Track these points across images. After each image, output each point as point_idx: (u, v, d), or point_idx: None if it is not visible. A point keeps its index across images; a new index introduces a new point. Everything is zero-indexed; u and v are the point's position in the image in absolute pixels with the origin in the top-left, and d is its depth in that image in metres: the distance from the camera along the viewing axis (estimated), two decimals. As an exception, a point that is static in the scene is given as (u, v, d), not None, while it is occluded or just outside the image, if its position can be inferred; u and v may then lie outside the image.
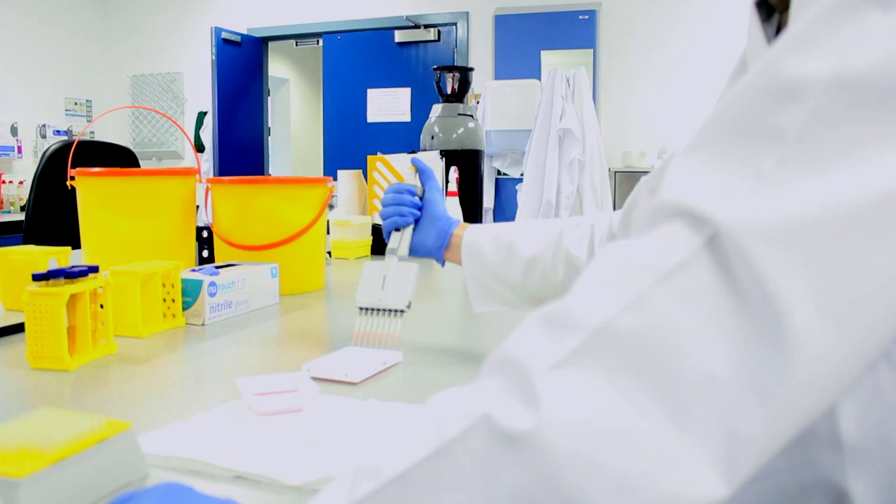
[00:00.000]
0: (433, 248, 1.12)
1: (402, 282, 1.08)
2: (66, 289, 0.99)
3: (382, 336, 1.06)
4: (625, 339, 0.40)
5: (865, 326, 0.39)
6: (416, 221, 1.13)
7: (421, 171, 1.17)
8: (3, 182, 5.50)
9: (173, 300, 1.25)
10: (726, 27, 5.06)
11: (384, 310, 1.08)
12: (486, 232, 1.09)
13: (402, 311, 1.07)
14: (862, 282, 0.39)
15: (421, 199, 1.14)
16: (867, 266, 0.39)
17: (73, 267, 1.03)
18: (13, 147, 5.89)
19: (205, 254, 1.78)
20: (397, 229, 1.13)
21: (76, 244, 1.54)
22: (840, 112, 0.40)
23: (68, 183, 1.54)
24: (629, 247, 0.44)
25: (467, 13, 5.80)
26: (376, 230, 2.13)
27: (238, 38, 6.21)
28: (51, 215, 2.42)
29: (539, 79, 5.18)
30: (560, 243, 1.03)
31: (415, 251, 1.13)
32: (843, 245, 0.39)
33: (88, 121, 6.61)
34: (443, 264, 1.15)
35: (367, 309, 1.08)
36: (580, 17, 5.39)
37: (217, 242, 1.59)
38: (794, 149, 0.41)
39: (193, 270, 1.33)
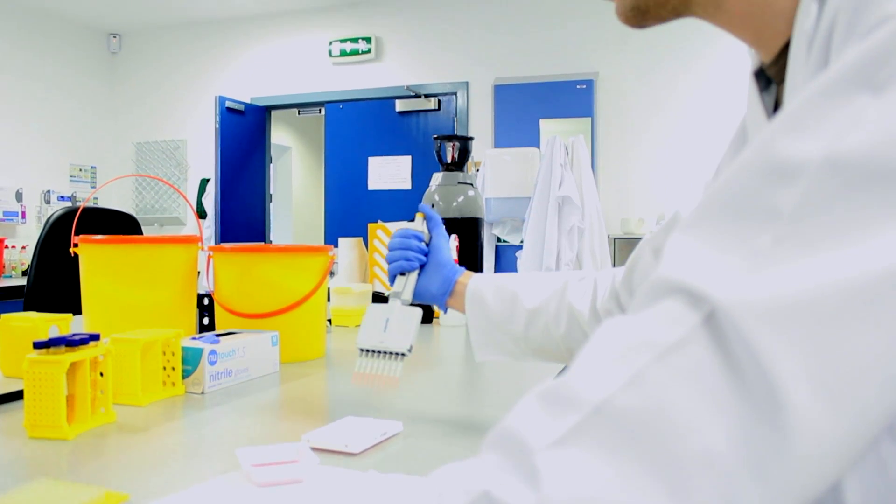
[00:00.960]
0: (437, 295, 1.12)
1: (405, 325, 1.08)
2: (66, 357, 0.99)
3: (382, 378, 1.06)
4: (624, 417, 0.40)
5: (864, 405, 0.39)
6: (422, 267, 1.14)
7: (428, 217, 1.17)
8: (6, 247, 5.52)
9: (173, 368, 1.25)
10: (721, 95, 5.14)
11: (385, 352, 1.07)
12: (490, 281, 1.10)
13: (403, 354, 1.07)
14: (859, 361, 0.39)
15: (427, 245, 1.15)
16: (863, 345, 0.39)
17: (73, 335, 1.03)
18: (17, 212, 5.93)
19: (205, 321, 1.79)
20: (402, 273, 1.14)
21: (77, 310, 1.54)
22: (833, 193, 0.41)
23: (72, 250, 1.55)
24: (629, 323, 0.45)
25: (467, 83, 5.90)
26: (377, 297, 2.13)
27: (241, 107, 6.30)
28: (53, 281, 2.43)
29: (538, 147, 5.24)
30: (563, 297, 1.04)
31: (419, 296, 1.13)
32: (839, 324, 0.39)
33: (93, 187, 6.67)
34: (445, 310, 1.16)
35: (368, 350, 1.08)
36: (578, 86, 5.48)
37: (218, 310, 1.59)
38: (788, 228, 0.42)
39: (194, 338, 1.33)
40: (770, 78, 0.68)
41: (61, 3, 6.11)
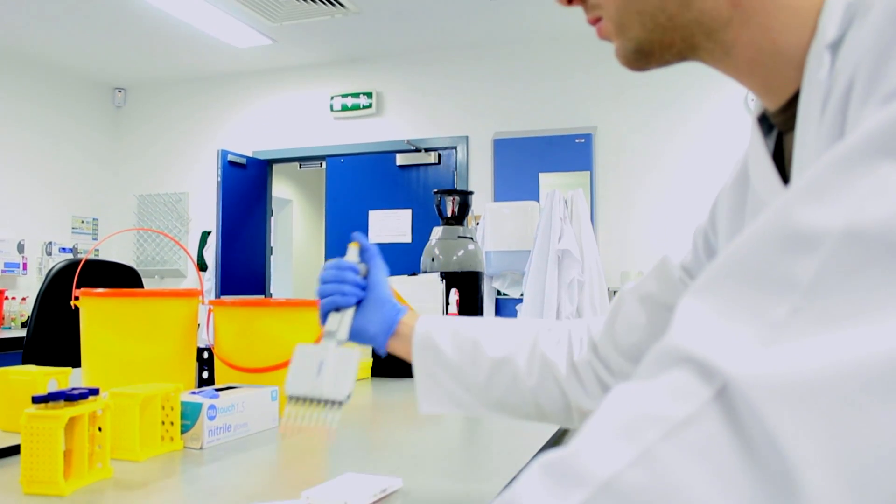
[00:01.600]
0: (376, 335, 1.01)
1: (342, 369, 0.96)
2: (64, 412, 0.99)
3: (316, 430, 0.94)
4: (632, 495, 0.39)
5: (882, 491, 0.37)
6: (359, 303, 1.03)
7: (364, 248, 1.07)
8: (6, 298, 5.52)
9: (172, 423, 1.24)
10: (718, 147, 5.19)
11: (320, 400, 0.95)
12: (444, 325, 1.00)
13: (340, 403, 0.95)
14: (879, 444, 0.37)
15: (365, 279, 1.04)
16: (884, 429, 0.37)
17: (72, 389, 1.03)
18: (18, 264, 5.94)
19: (205, 375, 1.78)
20: (337, 310, 1.02)
21: (76, 363, 1.54)
22: (853, 265, 0.39)
23: (72, 303, 1.56)
24: (637, 393, 0.43)
25: (467, 137, 5.96)
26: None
27: (243, 161, 6.36)
28: (52, 333, 2.42)
29: (537, 200, 5.27)
30: (535, 347, 0.96)
31: (355, 336, 1.02)
32: (858, 406, 0.37)
33: (94, 239, 6.69)
34: (384, 354, 1.04)
35: (299, 398, 0.95)
36: (577, 140, 5.54)
37: (217, 364, 1.59)
38: (806, 299, 0.40)
39: (193, 393, 1.32)
40: (771, 123, 0.68)
41: (69, 57, 6.20)
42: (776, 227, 0.43)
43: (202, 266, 6.36)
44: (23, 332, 4.33)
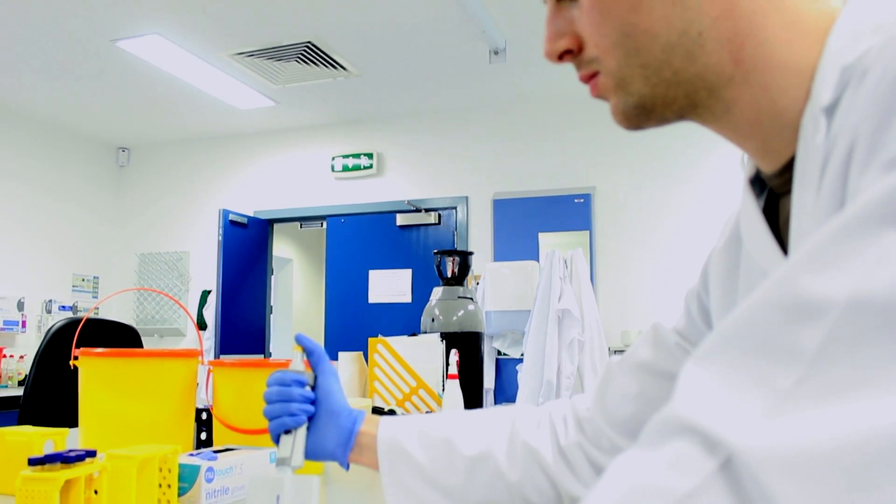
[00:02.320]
0: (335, 450, 0.93)
1: (301, 500, 0.88)
2: (61, 474, 0.98)
3: None
4: None
5: None
6: (311, 418, 0.95)
7: (309, 352, 0.99)
8: (4, 356, 5.50)
9: (169, 486, 1.23)
10: (716, 206, 5.21)
11: None
12: (409, 426, 0.92)
13: None
14: None
15: (313, 388, 0.96)
16: (890, 503, 0.37)
17: (69, 451, 1.03)
18: (18, 321, 5.93)
19: (203, 436, 1.77)
20: (287, 431, 0.93)
21: (74, 422, 1.53)
22: (859, 334, 0.39)
23: (71, 363, 1.55)
24: (639, 463, 0.43)
25: (467, 198, 6.00)
26: (376, 412, 2.11)
27: (245, 220, 6.39)
28: (50, 392, 2.41)
29: (537, 260, 5.28)
30: (514, 435, 0.89)
31: (312, 454, 0.94)
32: (865, 479, 0.37)
33: (94, 297, 6.69)
34: (347, 467, 0.95)
35: None
36: (576, 200, 5.58)
37: (216, 425, 1.58)
38: (812, 369, 0.40)
39: (191, 454, 1.31)
40: (763, 185, 0.68)
41: (73, 116, 6.28)
42: (780, 295, 0.43)
43: (202, 325, 6.35)
44: (20, 391, 4.30)
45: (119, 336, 2.72)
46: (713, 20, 0.60)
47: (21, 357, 5.65)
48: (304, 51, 4.89)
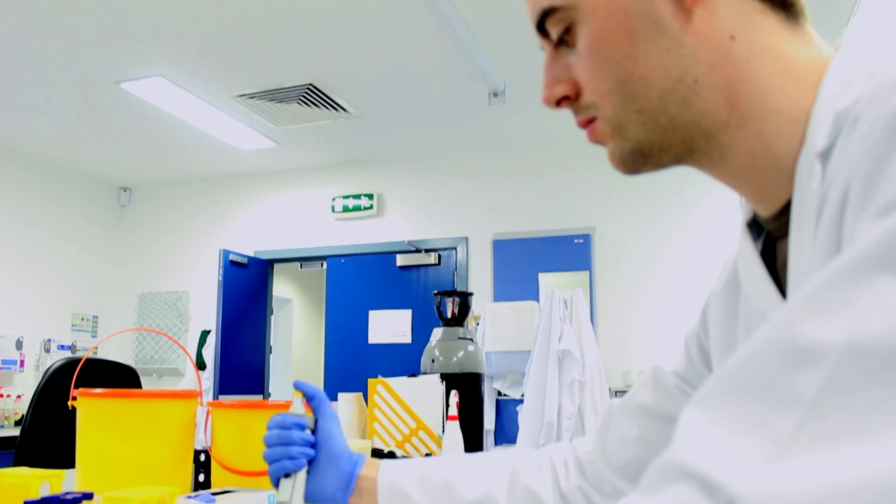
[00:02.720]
0: (334, 494, 0.93)
1: None
2: (59, 517, 0.98)
3: None
4: None
5: None
6: (311, 462, 0.95)
7: (310, 396, 0.99)
8: (1, 396, 5.47)
9: (166, 528, 1.21)
10: (716, 246, 5.22)
11: None
12: (409, 470, 0.92)
13: None
14: None
15: (313, 432, 0.97)
16: None
17: (66, 493, 1.02)
18: (16, 361, 5.91)
19: (201, 478, 1.75)
20: (287, 475, 0.93)
21: (70, 462, 1.52)
22: (857, 379, 0.39)
23: (70, 403, 1.55)
24: None
25: (466, 238, 6.02)
26: (376, 453, 2.10)
27: (245, 261, 6.40)
28: (47, 433, 2.40)
29: (537, 300, 5.28)
30: (516, 480, 0.89)
31: (312, 498, 0.94)
32: None
33: (94, 336, 6.67)
34: None
35: None
36: (575, 240, 5.59)
37: (214, 466, 1.57)
38: (810, 414, 0.40)
39: (189, 497, 1.30)
40: (760, 227, 0.69)
41: (76, 157, 6.32)
42: (778, 340, 0.43)
43: (201, 365, 6.32)
44: (17, 431, 4.27)
45: (118, 376, 2.71)
46: (708, 67, 0.62)
47: (18, 397, 5.62)
48: (306, 93, 4.94)
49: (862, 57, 0.58)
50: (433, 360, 2.30)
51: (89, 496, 1.04)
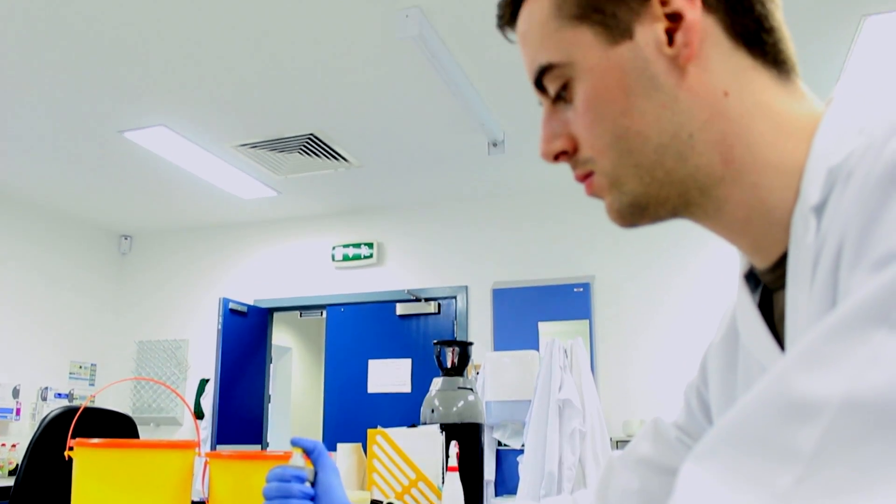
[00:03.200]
0: None
1: None
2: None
3: None
4: None
5: None
6: None
7: (309, 450, 0.99)
8: (-4, 446, 5.43)
9: (162, 582, 1.20)
10: (716, 294, 5.22)
11: None
12: None
13: None
14: None
15: (313, 484, 0.97)
16: None
17: (63, 546, 1.01)
18: (12, 409, 5.87)
19: (197, 530, 1.73)
20: None
21: (65, 514, 1.50)
22: (855, 434, 0.40)
23: (66, 453, 1.54)
24: None
25: (466, 287, 6.02)
26: (374, 505, 2.07)
27: (245, 309, 6.39)
28: (43, 483, 2.37)
29: (537, 349, 5.27)
30: None
31: None
32: None
33: (91, 384, 6.64)
34: None
35: None
36: (575, 289, 5.60)
37: (211, 518, 1.55)
38: (810, 469, 0.40)
39: (185, 549, 1.29)
40: (757, 279, 0.69)
41: (78, 205, 6.36)
42: (776, 394, 0.44)
43: (199, 414, 6.28)
44: (11, 481, 4.23)
45: (114, 425, 2.69)
46: (703, 123, 0.63)
47: (13, 446, 5.58)
48: (307, 142, 4.99)
49: (853, 113, 0.59)
50: (433, 410, 2.29)
51: (85, 549, 1.03)
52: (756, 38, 0.65)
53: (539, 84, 0.70)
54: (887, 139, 0.50)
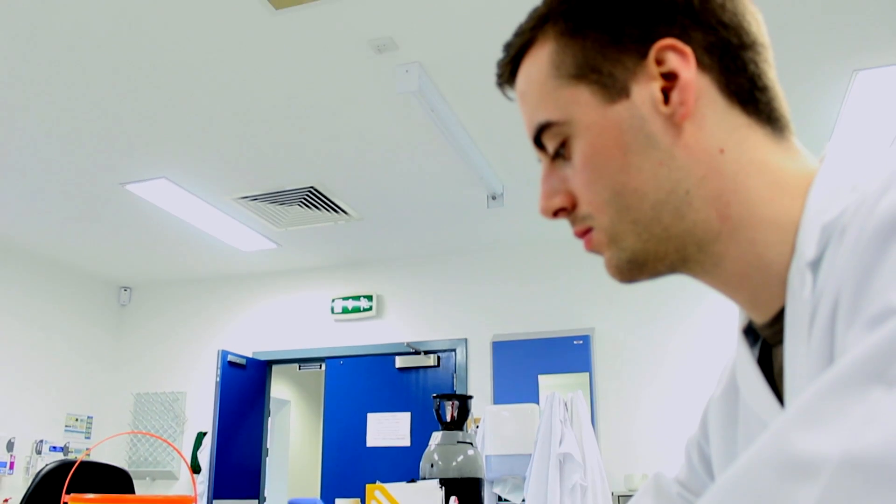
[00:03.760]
0: None
1: None
2: None
3: None
4: None
5: None
6: None
7: None
8: (-12, 501, 5.36)
9: None
10: (717, 346, 5.21)
11: None
12: None
13: None
14: None
15: None
16: None
17: None
18: (6, 463, 5.80)
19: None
20: None
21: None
22: (854, 492, 0.40)
23: (62, 510, 1.52)
24: None
25: (466, 339, 6.00)
26: (372, 562, 2.04)
27: (243, 361, 6.37)
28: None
29: (537, 402, 5.23)
30: None
31: None
32: None
33: (87, 437, 6.57)
34: None
35: None
36: (575, 342, 5.58)
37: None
38: None
39: None
40: (756, 333, 0.70)
41: (78, 256, 6.37)
42: (774, 452, 0.44)
43: (196, 468, 6.21)
44: (4, 539, 4.16)
45: (110, 480, 2.66)
46: (699, 179, 0.64)
47: (6, 500, 5.50)
48: (307, 195, 5.02)
49: (846, 170, 0.60)
50: (432, 465, 2.27)
51: None
52: (750, 96, 0.66)
53: (538, 141, 0.71)
54: (879, 196, 0.51)
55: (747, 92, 0.66)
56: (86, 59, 3.52)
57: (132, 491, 2.76)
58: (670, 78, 0.65)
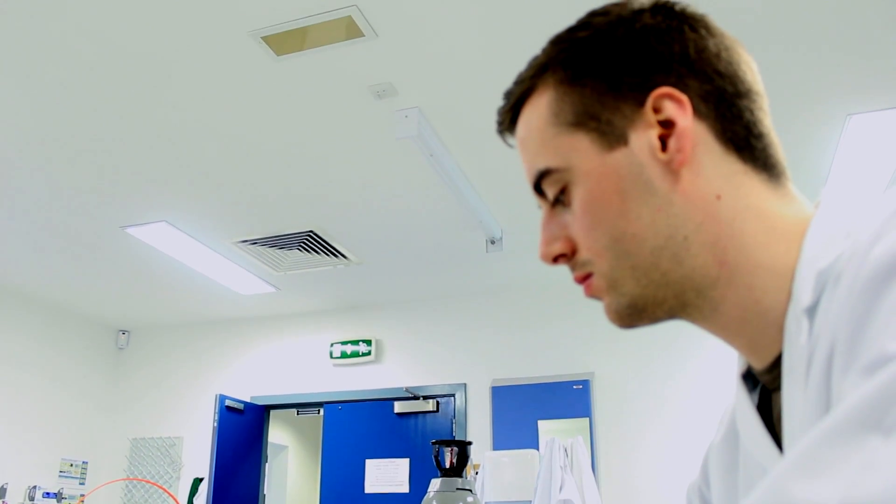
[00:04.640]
0: None
1: None
2: None
3: None
4: None
5: None
6: None
7: None
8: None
9: None
10: (718, 391, 5.17)
11: None
12: None
13: None
14: None
15: None
16: None
17: None
18: (-4, 511, 5.74)
19: None
20: None
21: None
22: None
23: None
24: None
25: (465, 384, 5.97)
26: None
27: (241, 406, 6.32)
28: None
29: (537, 448, 5.19)
30: None
31: None
32: None
33: (82, 483, 6.50)
34: None
35: None
36: (574, 387, 5.55)
37: None
38: None
39: None
40: (755, 378, 0.70)
41: (76, 299, 6.36)
42: (773, 501, 0.44)
43: (191, 516, 6.13)
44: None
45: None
46: (697, 225, 0.65)
47: (0, 549, 5.42)
48: (306, 239, 5.04)
49: (840, 216, 0.61)
50: (431, 512, 2.24)
51: None
52: (746, 143, 0.67)
53: (538, 188, 0.72)
54: (872, 243, 0.52)
55: (743, 139, 0.67)
56: (86, 102, 3.55)
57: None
58: (667, 125, 0.66)
